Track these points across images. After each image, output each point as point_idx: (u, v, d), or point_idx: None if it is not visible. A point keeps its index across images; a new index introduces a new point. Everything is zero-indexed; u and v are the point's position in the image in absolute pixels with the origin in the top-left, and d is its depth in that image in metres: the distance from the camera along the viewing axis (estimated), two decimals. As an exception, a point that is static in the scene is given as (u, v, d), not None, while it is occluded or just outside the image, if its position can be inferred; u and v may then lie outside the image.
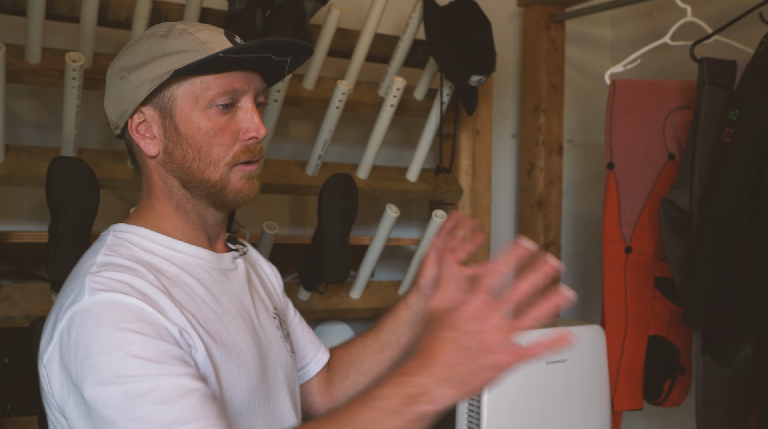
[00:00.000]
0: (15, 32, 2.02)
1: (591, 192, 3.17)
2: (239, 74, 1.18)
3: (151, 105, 1.19)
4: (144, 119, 1.20)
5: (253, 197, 1.24)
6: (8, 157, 1.93)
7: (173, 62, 1.15)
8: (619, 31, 3.22)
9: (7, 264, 2.13)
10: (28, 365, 1.81)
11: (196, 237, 1.25)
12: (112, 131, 1.27)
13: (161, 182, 1.22)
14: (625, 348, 2.40)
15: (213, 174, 1.19)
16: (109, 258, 1.14)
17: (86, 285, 1.08)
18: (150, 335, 1.04)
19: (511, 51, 3.01)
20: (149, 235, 1.21)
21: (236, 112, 1.20)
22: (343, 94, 2.12)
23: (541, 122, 2.88)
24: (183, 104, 1.18)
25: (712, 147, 2.09)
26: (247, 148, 1.21)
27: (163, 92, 1.18)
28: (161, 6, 2.08)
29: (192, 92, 1.17)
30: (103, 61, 2.03)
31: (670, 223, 2.18)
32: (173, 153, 1.19)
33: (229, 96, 1.18)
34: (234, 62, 1.17)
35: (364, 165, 2.34)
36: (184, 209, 1.23)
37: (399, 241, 2.51)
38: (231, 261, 1.30)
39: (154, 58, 1.17)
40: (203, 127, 1.18)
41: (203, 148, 1.18)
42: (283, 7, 2.04)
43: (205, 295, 1.19)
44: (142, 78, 1.17)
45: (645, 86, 2.38)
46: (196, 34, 1.18)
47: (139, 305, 1.06)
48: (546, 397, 2.21)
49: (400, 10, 2.57)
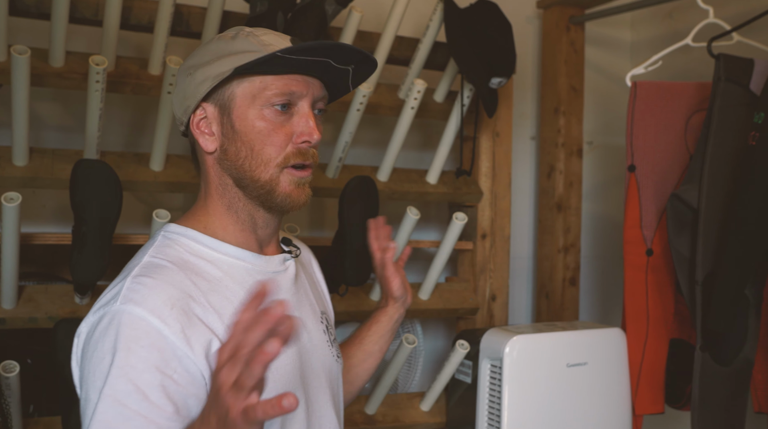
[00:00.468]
0: (39, 36, 2.04)
1: (611, 194, 3.15)
2: (298, 77, 1.20)
3: (212, 101, 1.22)
4: (205, 116, 1.23)
5: (303, 204, 1.24)
6: (32, 159, 1.95)
7: (235, 61, 1.18)
8: (639, 33, 3.21)
9: (31, 266, 2.14)
10: (50, 366, 1.82)
11: (245, 238, 1.26)
12: (177, 128, 1.31)
13: (216, 180, 1.25)
14: (647, 351, 2.38)
15: (263, 174, 1.21)
16: (154, 260, 1.18)
17: (123, 290, 1.12)
18: (153, 363, 1.07)
19: (530, 53, 3.00)
20: (198, 237, 1.23)
21: (292, 114, 1.22)
22: (363, 96, 2.13)
23: (560, 124, 2.87)
24: (241, 102, 1.20)
25: (724, 143, 2.08)
26: (299, 151, 1.22)
27: (224, 89, 1.21)
28: (183, 9, 2.09)
29: (251, 91, 1.20)
30: (125, 64, 2.04)
31: (678, 219, 2.17)
32: (228, 150, 1.22)
33: (286, 97, 1.20)
34: (294, 65, 1.19)
35: (385, 167, 2.35)
36: (235, 209, 1.25)
37: (419, 243, 2.50)
38: (280, 263, 1.30)
39: (220, 56, 1.20)
40: (257, 126, 1.20)
41: (256, 147, 1.20)
42: (304, 10, 2.05)
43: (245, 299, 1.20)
44: (205, 74, 1.20)
45: (666, 88, 2.37)
46: (261, 37, 1.21)
47: (156, 327, 1.08)
48: (566, 399, 2.20)
49: (421, 12, 2.57)
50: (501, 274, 2.61)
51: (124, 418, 1.04)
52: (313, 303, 1.36)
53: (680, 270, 2.19)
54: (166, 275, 1.15)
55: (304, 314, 1.31)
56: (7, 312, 1.90)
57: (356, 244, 2.10)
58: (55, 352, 1.77)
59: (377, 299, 2.36)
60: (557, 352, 2.20)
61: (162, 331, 1.08)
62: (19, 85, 1.78)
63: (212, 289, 1.17)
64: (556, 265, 2.87)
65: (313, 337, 1.31)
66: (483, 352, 2.20)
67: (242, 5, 2.16)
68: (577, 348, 2.23)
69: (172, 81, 1.89)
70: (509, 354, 2.12)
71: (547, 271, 2.91)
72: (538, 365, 2.17)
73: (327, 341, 1.34)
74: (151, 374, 1.06)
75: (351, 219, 2.10)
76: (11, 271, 1.82)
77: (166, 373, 1.07)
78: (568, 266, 2.88)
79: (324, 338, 1.34)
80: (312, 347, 1.29)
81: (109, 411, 1.05)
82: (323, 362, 1.31)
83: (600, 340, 2.29)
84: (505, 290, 2.62)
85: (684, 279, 2.19)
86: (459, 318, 2.62)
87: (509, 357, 2.12)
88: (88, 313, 1.18)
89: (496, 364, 2.15)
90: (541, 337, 2.19)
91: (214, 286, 1.18)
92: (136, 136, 2.34)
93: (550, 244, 2.89)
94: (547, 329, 2.26)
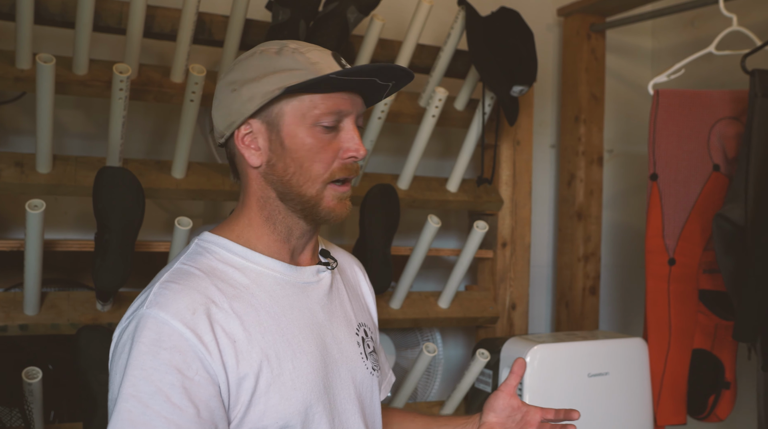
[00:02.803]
0: (63, 44, 2.05)
1: (631, 203, 3.14)
2: (345, 96, 1.23)
3: (259, 118, 1.24)
4: (251, 131, 1.25)
5: (343, 217, 1.27)
6: (55, 167, 1.96)
7: (285, 79, 1.20)
8: (660, 41, 3.19)
9: (53, 272, 2.15)
10: (72, 373, 1.83)
11: (277, 249, 1.28)
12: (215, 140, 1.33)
13: (259, 192, 1.27)
14: (669, 361, 2.36)
15: (310, 189, 1.23)
16: (184, 267, 1.22)
17: (150, 295, 1.17)
18: (175, 365, 1.11)
19: (550, 61, 3.00)
20: (229, 245, 1.26)
21: (339, 131, 1.25)
22: (385, 104, 2.13)
23: (581, 132, 2.86)
24: (290, 120, 1.22)
25: (765, 160, 2.06)
26: (345, 166, 1.25)
27: (272, 107, 1.23)
28: (205, 17, 2.10)
29: (300, 109, 1.22)
30: (148, 72, 2.05)
31: (725, 238, 2.15)
32: (276, 165, 1.24)
33: (334, 117, 1.23)
34: (342, 84, 1.22)
35: (405, 175, 2.34)
36: (273, 221, 1.27)
37: (439, 251, 2.50)
38: (313, 274, 1.32)
39: (266, 74, 1.22)
40: (307, 144, 1.22)
41: (305, 164, 1.23)
42: (326, 18, 2.05)
43: (271, 308, 1.23)
44: (252, 92, 1.22)
45: (689, 96, 2.35)
46: (306, 54, 1.23)
47: (179, 331, 1.13)
48: (588, 410, 2.18)
49: (442, 21, 2.57)
50: (521, 282, 2.60)
51: (146, 418, 1.08)
52: (349, 314, 1.36)
53: (730, 288, 2.17)
54: (192, 281, 1.19)
55: (335, 325, 1.31)
56: (29, 318, 1.91)
57: (377, 252, 2.09)
58: (76, 359, 1.77)
59: (398, 307, 2.34)
60: (578, 361, 2.18)
61: (183, 334, 1.12)
62: (44, 92, 1.79)
63: (237, 295, 1.20)
64: (576, 273, 2.86)
65: (344, 349, 1.31)
66: (503, 361, 2.18)
67: (264, 14, 2.16)
68: (598, 358, 2.21)
69: (194, 89, 1.90)
70: (530, 363, 2.11)
71: (567, 279, 2.89)
72: (558, 375, 2.15)
73: (360, 353, 1.34)
74: (173, 376, 1.10)
75: (372, 227, 2.10)
76: (34, 278, 1.83)
77: (187, 376, 1.11)
78: (588, 275, 2.87)
79: (357, 350, 1.33)
80: (342, 358, 1.29)
81: (132, 411, 1.08)
82: (353, 374, 1.31)
83: (621, 349, 2.27)
84: (525, 299, 2.61)
85: (734, 297, 2.17)
86: (479, 327, 2.61)
87: (530, 366, 2.11)
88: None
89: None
90: (562, 346, 2.18)
91: (239, 292, 1.21)
92: (158, 144, 2.35)
93: (570, 253, 2.88)
94: (567, 339, 2.24)
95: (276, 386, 1.17)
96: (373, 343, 1.41)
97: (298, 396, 1.19)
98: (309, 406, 1.20)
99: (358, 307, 1.41)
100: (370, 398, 1.35)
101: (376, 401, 1.38)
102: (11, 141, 2.18)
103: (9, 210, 2.17)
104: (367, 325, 1.41)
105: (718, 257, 2.17)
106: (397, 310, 2.34)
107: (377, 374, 1.38)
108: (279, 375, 1.18)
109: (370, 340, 1.40)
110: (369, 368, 1.35)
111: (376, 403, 1.38)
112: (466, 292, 2.57)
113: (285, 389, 1.18)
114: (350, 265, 1.49)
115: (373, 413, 1.36)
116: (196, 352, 1.12)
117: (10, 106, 2.17)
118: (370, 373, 1.35)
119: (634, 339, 2.30)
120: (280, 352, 1.20)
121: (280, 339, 1.21)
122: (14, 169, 1.92)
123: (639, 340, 2.31)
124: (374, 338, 1.44)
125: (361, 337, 1.36)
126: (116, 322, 1.97)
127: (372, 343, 1.40)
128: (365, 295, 1.49)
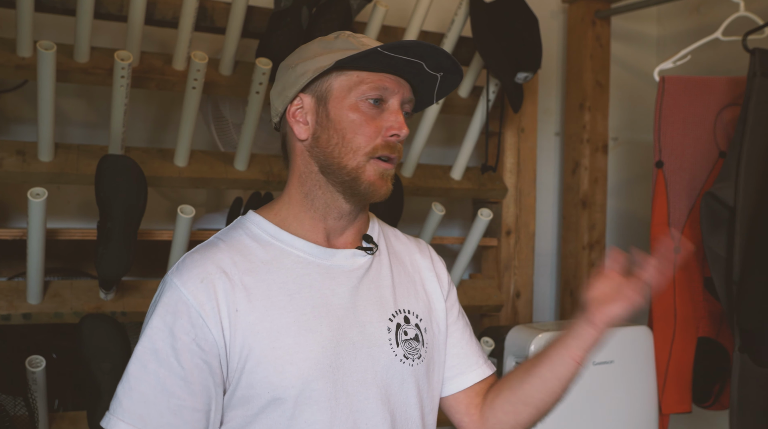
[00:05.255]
0: (64, 32, 2.04)
1: (636, 191, 3.12)
2: (391, 76, 1.28)
3: (310, 92, 1.30)
4: (301, 106, 1.30)
5: (384, 195, 1.30)
6: (57, 155, 1.95)
7: (336, 56, 1.26)
8: (665, 27, 3.17)
9: (56, 261, 2.15)
10: (76, 361, 1.83)
11: (312, 228, 1.32)
12: (272, 125, 1.39)
13: (302, 167, 1.32)
14: (674, 349, 2.35)
15: (351, 161, 1.27)
16: (215, 240, 1.32)
17: (179, 262, 1.28)
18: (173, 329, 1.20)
19: (555, 48, 2.98)
20: (263, 223, 1.32)
21: (383, 110, 1.29)
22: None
23: (585, 120, 2.84)
24: (338, 93, 1.28)
25: (762, 140, 2.04)
26: (388, 144, 1.28)
27: (323, 81, 1.29)
28: (207, 4, 2.09)
29: (348, 84, 1.28)
30: (150, 60, 2.04)
31: (712, 218, 2.13)
32: (320, 137, 1.29)
33: (379, 92, 1.27)
34: (389, 63, 1.26)
35: (409, 163, 2.33)
36: (312, 197, 1.31)
37: (443, 239, 2.49)
38: (347, 257, 1.33)
39: (321, 53, 1.29)
40: (351, 116, 1.27)
41: (347, 135, 1.27)
42: (329, 5, 2.03)
43: (286, 284, 1.26)
44: (306, 68, 1.29)
45: (695, 83, 2.33)
46: (360, 38, 1.31)
47: (185, 297, 1.22)
48: (592, 398, 2.18)
49: (445, 7, 2.55)
50: (525, 270, 2.59)
51: (143, 375, 1.19)
52: (385, 300, 1.35)
53: (715, 269, 2.16)
54: (211, 252, 1.27)
55: (360, 309, 1.31)
56: (33, 307, 1.91)
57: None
58: (80, 348, 1.77)
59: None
60: (583, 350, 2.17)
61: (187, 301, 1.21)
62: (45, 80, 1.78)
63: (251, 270, 1.26)
64: (580, 262, 2.85)
65: (368, 333, 1.30)
66: (508, 349, 2.18)
67: (266, 0, 2.15)
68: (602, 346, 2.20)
69: (196, 76, 1.89)
70: (535, 351, 2.10)
71: (571, 268, 2.88)
72: (563, 363, 2.14)
73: (389, 339, 1.32)
74: (172, 339, 1.19)
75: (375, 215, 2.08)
76: (37, 267, 1.83)
77: (184, 340, 1.19)
78: (593, 263, 2.85)
79: (385, 336, 1.31)
80: (363, 341, 1.28)
81: (132, 371, 1.19)
82: (376, 358, 1.29)
83: (626, 338, 2.26)
84: (530, 287, 2.60)
85: (720, 279, 2.16)
86: (483, 315, 2.60)
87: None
88: None
89: (521, 362, 2.13)
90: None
91: (254, 267, 1.27)
92: (161, 132, 2.34)
93: (575, 241, 2.86)
94: (572, 327, 2.23)
95: (270, 358, 1.21)
96: (416, 330, 1.37)
97: (293, 371, 1.21)
98: (306, 382, 1.21)
99: (404, 294, 1.38)
100: (399, 385, 1.32)
101: (409, 390, 1.34)
102: (13, 129, 2.17)
103: (11, 199, 2.17)
104: (415, 312, 1.38)
105: (704, 237, 2.15)
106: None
107: (411, 363, 1.34)
108: (275, 348, 1.21)
109: (413, 328, 1.36)
110: (399, 355, 1.33)
111: (408, 391, 1.34)
112: (471, 280, 2.56)
113: (280, 363, 1.21)
114: (410, 253, 1.47)
115: (404, 402, 1.33)
116: (196, 317, 1.20)
117: (11, 95, 2.16)
118: (400, 360, 1.32)
119: (639, 327, 2.29)
120: (282, 327, 1.22)
121: (287, 315, 1.24)
122: (16, 158, 1.91)
123: (644, 328, 2.30)
124: (427, 328, 1.40)
125: (396, 324, 1.33)
126: (119, 311, 1.97)
127: (415, 330, 1.36)
128: (425, 284, 1.45)
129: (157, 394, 1.18)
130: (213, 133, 2.27)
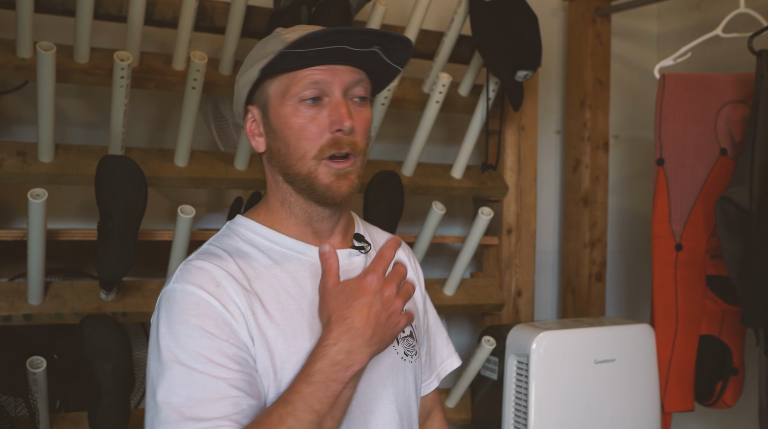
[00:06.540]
0: (63, 33, 2.04)
1: (637, 188, 3.12)
2: (322, 67, 1.21)
3: (255, 104, 1.27)
4: (254, 119, 1.28)
5: (345, 194, 1.24)
6: (57, 156, 1.95)
7: (262, 63, 1.21)
8: (666, 25, 3.16)
9: (56, 262, 2.15)
10: (77, 362, 1.83)
11: (300, 232, 1.29)
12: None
13: (270, 177, 1.30)
14: (676, 348, 2.35)
15: (302, 168, 1.23)
16: (211, 247, 1.27)
17: (177, 272, 1.22)
18: (207, 329, 1.15)
19: (555, 45, 2.97)
20: (256, 228, 1.29)
21: (324, 105, 1.23)
22: (388, 90, 2.11)
23: (586, 118, 2.84)
24: (275, 101, 1.24)
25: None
26: (335, 141, 1.22)
27: (261, 91, 1.25)
28: (207, 4, 2.08)
29: (280, 89, 1.23)
30: (149, 60, 2.04)
31: (728, 221, 2.13)
32: (272, 148, 1.26)
33: (313, 89, 1.21)
34: (312, 57, 1.20)
35: (409, 162, 2.33)
36: (288, 203, 1.29)
37: (444, 238, 2.49)
38: (344, 258, 1.31)
39: (255, 61, 1.24)
40: (291, 122, 1.22)
41: (291, 142, 1.22)
42: (328, 4, 2.03)
43: (292, 288, 1.24)
44: (245, 79, 1.26)
45: (696, 80, 2.33)
46: (285, 35, 1.23)
47: (205, 299, 1.17)
48: (594, 396, 2.17)
49: (445, 5, 2.55)
50: (527, 269, 2.58)
51: (193, 378, 1.11)
52: None
53: (733, 272, 2.15)
54: (216, 260, 1.22)
55: None
56: (33, 308, 1.91)
57: (381, 239, 2.08)
58: (81, 348, 1.77)
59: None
60: (585, 348, 2.17)
61: (210, 302, 1.16)
62: (45, 81, 1.78)
63: (258, 276, 1.23)
64: (582, 260, 2.84)
65: None
66: (509, 348, 2.17)
67: (266, 0, 2.15)
68: (605, 344, 2.20)
69: (196, 76, 1.89)
70: (536, 350, 2.10)
71: (573, 266, 2.88)
72: (565, 362, 2.14)
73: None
74: (207, 339, 1.14)
75: (376, 214, 2.09)
76: (37, 267, 1.83)
77: (220, 337, 1.15)
78: (595, 261, 2.85)
79: None
80: None
81: (178, 375, 1.12)
82: (381, 358, 1.29)
83: (628, 336, 2.26)
84: (531, 286, 2.60)
85: (737, 282, 2.15)
86: (484, 314, 2.60)
87: (536, 353, 2.10)
88: None
89: (522, 361, 2.13)
90: (568, 333, 2.17)
91: (260, 273, 1.24)
92: (161, 132, 2.34)
93: (576, 239, 2.86)
94: (574, 325, 2.23)
95: (291, 363, 1.19)
96: (410, 328, 1.39)
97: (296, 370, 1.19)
98: None
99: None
100: (403, 383, 1.33)
101: (410, 387, 1.36)
102: (13, 130, 2.17)
103: (12, 199, 2.17)
104: (408, 309, 1.39)
105: (720, 241, 2.15)
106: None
107: (410, 360, 1.36)
108: (295, 352, 1.19)
109: (408, 326, 1.37)
110: (400, 353, 1.33)
111: (409, 388, 1.36)
112: (472, 279, 2.56)
113: (299, 367, 1.17)
114: (401, 253, 1.47)
115: (407, 399, 1.34)
116: (224, 318, 1.16)
117: (11, 96, 2.16)
118: (401, 358, 1.34)
119: (641, 325, 2.29)
120: (297, 331, 1.21)
121: (299, 318, 1.22)
122: (16, 159, 1.91)
123: (646, 327, 2.29)
124: (417, 325, 1.42)
125: None
126: (120, 312, 1.97)
127: (410, 327, 1.38)
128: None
129: (218, 389, 1.12)
130: (213, 133, 2.27)
